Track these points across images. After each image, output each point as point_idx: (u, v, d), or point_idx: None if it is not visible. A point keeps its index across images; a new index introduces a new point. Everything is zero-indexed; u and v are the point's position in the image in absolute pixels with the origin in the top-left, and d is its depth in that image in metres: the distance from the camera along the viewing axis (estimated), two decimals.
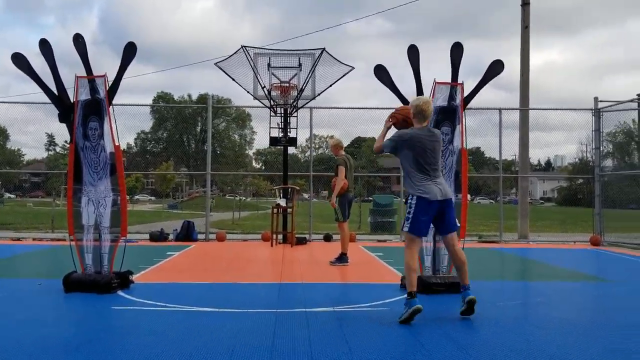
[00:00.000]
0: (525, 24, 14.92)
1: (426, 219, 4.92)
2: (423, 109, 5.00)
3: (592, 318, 5.22)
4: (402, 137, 5.04)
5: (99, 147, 6.26)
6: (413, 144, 4.93)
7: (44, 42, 6.37)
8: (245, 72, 12.55)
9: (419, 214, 4.87)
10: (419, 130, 5.00)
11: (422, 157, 4.92)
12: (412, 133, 4.99)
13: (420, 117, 5.02)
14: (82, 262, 6.30)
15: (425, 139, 4.96)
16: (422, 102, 5.03)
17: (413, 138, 4.95)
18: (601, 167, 13.64)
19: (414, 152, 4.92)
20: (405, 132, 5.07)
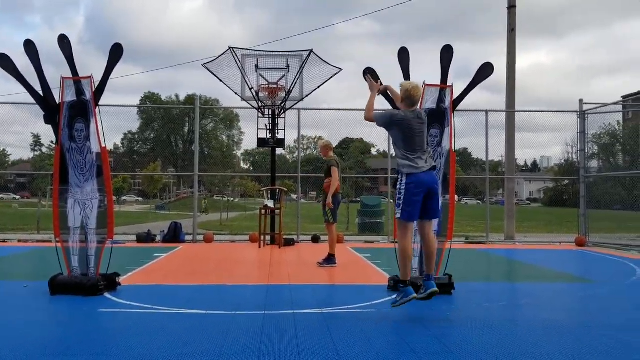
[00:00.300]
0: (512, 27, 15.03)
1: (417, 199, 4.96)
2: (412, 94, 5.12)
3: (577, 319, 5.28)
4: (394, 116, 5.15)
5: (85, 148, 6.22)
6: (403, 126, 5.05)
7: (28, 42, 6.32)
8: (233, 74, 12.54)
9: (410, 196, 4.94)
10: (409, 113, 5.10)
11: (411, 139, 5.04)
12: (404, 115, 5.09)
13: (409, 101, 5.15)
14: (69, 264, 6.26)
15: (414, 122, 5.07)
16: (411, 87, 5.15)
17: (404, 121, 5.06)
18: (586, 168, 13.79)
19: (403, 134, 5.04)
20: (397, 112, 5.20)
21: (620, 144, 18.68)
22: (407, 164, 5.00)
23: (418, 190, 4.95)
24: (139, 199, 62.30)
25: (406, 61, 6.44)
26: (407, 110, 5.14)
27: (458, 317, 5.18)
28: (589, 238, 13.27)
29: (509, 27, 15.08)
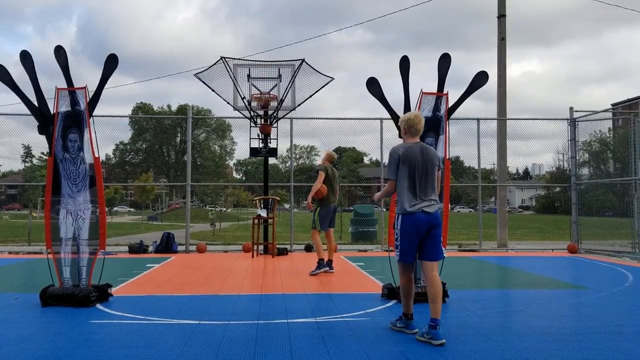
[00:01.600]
0: (502, 36, 15.16)
1: (414, 242, 4.65)
2: (415, 122, 4.82)
3: (570, 325, 5.29)
4: (396, 152, 4.76)
5: (78, 159, 6.20)
6: (407, 159, 4.69)
7: (25, 54, 6.32)
8: (225, 83, 12.55)
9: (407, 238, 4.64)
10: (413, 145, 4.79)
11: (415, 173, 4.67)
12: (405, 147, 4.76)
13: (414, 131, 4.84)
14: (60, 275, 6.21)
15: (419, 154, 4.72)
16: (414, 116, 4.85)
17: (407, 152, 4.71)
18: (577, 175, 13.88)
19: (408, 168, 4.68)
20: (398, 147, 4.81)
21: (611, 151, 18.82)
22: (410, 203, 4.64)
23: (415, 236, 4.63)
24: (130, 209, 62.03)
25: (406, 70, 6.46)
26: (412, 143, 4.82)
27: (452, 324, 5.18)
28: (581, 245, 13.34)
29: (499, 36, 15.21)
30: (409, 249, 4.69)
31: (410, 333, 4.76)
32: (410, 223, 4.63)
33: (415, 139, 4.88)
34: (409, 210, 4.63)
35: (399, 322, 4.93)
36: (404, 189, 4.68)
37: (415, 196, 4.66)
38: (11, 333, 4.83)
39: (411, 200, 4.64)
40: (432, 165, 4.74)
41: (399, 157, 4.72)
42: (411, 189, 4.66)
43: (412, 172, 4.68)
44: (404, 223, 4.66)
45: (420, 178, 4.69)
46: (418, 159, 4.71)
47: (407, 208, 4.63)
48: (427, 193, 4.69)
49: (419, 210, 4.63)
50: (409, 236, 4.65)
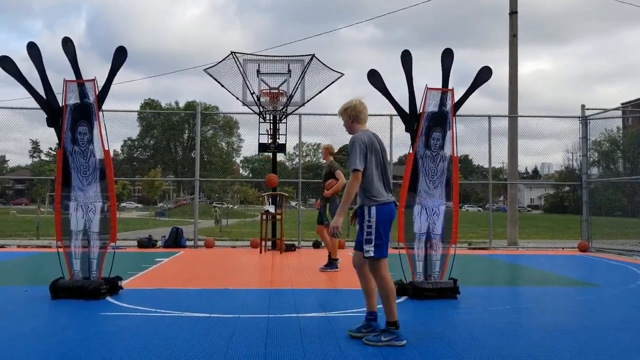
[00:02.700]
0: (514, 33, 15.05)
1: (388, 234, 4.36)
2: (361, 108, 4.51)
3: (581, 322, 5.23)
4: (362, 139, 4.35)
5: (88, 151, 6.19)
6: (372, 147, 4.37)
7: (32, 45, 6.30)
8: (235, 79, 12.54)
9: (385, 229, 4.32)
10: (369, 133, 4.48)
11: (381, 162, 4.43)
12: (366, 135, 4.41)
13: (363, 117, 4.53)
14: (70, 268, 6.20)
15: (376, 140, 4.45)
16: (359, 102, 4.53)
17: (370, 140, 4.38)
18: (588, 174, 13.77)
19: (375, 156, 4.38)
20: (361, 134, 4.41)
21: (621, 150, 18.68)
22: (381, 192, 4.34)
23: (390, 224, 4.38)
24: (138, 205, 62.26)
25: (409, 65, 6.42)
26: (368, 131, 4.50)
27: (463, 320, 5.14)
28: (591, 243, 13.23)
29: (510, 33, 15.10)
30: (386, 243, 4.32)
31: (400, 345, 4.16)
32: (387, 213, 4.34)
33: (365, 126, 4.56)
34: (384, 200, 4.34)
35: (385, 336, 4.22)
36: (376, 178, 4.35)
37: (386, 186, 4.41)
38: (21, 325, 4.83)
39: (384, 190, 4.37)
40: (386, 155, 4.53)
41: (366, 146, 4.32)
42: (381, 179, 4.38)
43: (377, 160, 4.38)
44: (381, 213, 4.29)
45: (385, 167, 4.46)
46: (381, 147, 4.46)
47: (383, 198, 4.34)
48: (390, 184, 4.50)
49: (393, 202, 4.41)
50: (386, 227, 4.33)
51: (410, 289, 6.17)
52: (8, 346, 4.07)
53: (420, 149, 6.35)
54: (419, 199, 6.33)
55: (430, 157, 6.35)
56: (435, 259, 6.33)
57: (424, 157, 6.34)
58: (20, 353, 3.88)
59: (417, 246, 6.32)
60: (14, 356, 3.80)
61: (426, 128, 6.34)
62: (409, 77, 6.41)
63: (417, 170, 6.33)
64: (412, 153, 6.36)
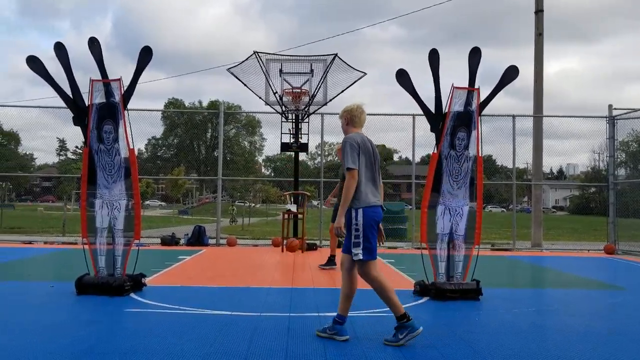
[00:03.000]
0: (539, 32, 14.85)
1: (375, 236, 4.37)
2: (357, 113, 4.57)
3: (606, 325, 5.14)
4: (355, 140, 4.41)
5: (113, 150, 6.28)
6: (365, 149, 4.42)
7: (59, 45, 6.41)
8: (257, 78, 12.59)
9: (372, 232, 4.32)
10: (364, 136, 4.53)
11: (373, 164, 4.45)
12: (359, 136, 4.47)
13: (357, 121, 4.58)
14: (95, 264, 6.30)
15: (369, 143, 4.49)
16: (356, 107, 4.60)
17: (362, 142, 4.43)
18: (615, 175, 13.51)
19: (366, 158, 4.41)
20: (354, 135, 4.48)
21: None
22: (369, 194, 4.34)
23: (376, 227, 4.37)
24: (162, 203, 62.95)
25: (436, 63, 6.37)
26: (361, 133, 4.55)
27: (486, 322, 5.09)
28: (618, 246, 12.99)
29: (536, 32, 14.90)
30: (374, 245, 4.33)
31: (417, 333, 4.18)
32: (373, 216, 4.33)
33: (359, 129, 4.59)
34: (372, 203, 4.33)
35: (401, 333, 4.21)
36: (367, 180, 4.37)
37: (376, 188, 4.43)
38: (47, 319, 4.92)
39: (373, 193, 4.38)
40: (378, 158, 4.55)
41: (359, 146, 4.37)
42: (372, 181, 4.41)
43: (369, 162, 4.42)
44: (368, 217, 4.30)
45: (376, 170, 4.48)
46: (369, 149, 4.46)
47: (371, 201, 4.33)
48: (379, 187, 4.51)
49: (379, 205, 4.41)
50: (373, 230, 4.33)
51: (433, 290, 6.13)
52: (32, 340, 4.14)
53: (445, 149, 6.30)
54: (442, 199, 6.28)
55: (455, 157, 6.29)
56: (458, 260, 6.28)
57: (448, 157, 6.29)
58: (44, 347, 3.94)
59: (439, 247, 6.28)
60: (37, 350, 3.87)
61: (451, 128, 6.29)
62: (436, 76, 6.36)
63: (441, 171, 6.29)
64: (436, 153, 6.32)
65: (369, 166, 4.41)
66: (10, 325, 4.63)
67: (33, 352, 3.83)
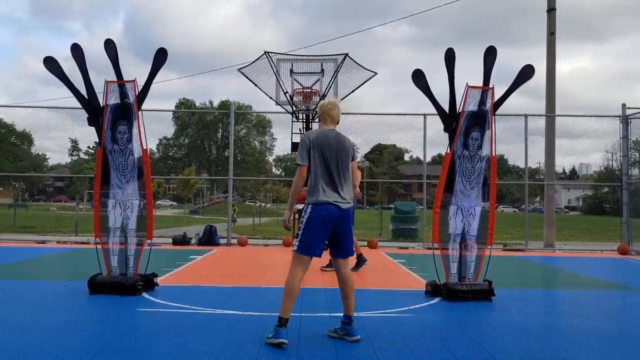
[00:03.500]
0: (551, 31, 14.74)
1: (322, 236, 4.28)
2: (327, 109, 4.48)
3: (619, 326, 5.09)
4: (308, 137, 4.40)
5: (127, 150, 6.32)
6: (319, 145, 4.33)
7: (76, 47, 6.46)
8: (268, 78, 12.60)
9: (314, 229, 4.24)
10: (327, 131, 4.44)
11: (330, 162, 4.33)
12: (317, 132, 4.43)
13: (326, 117, 4.48)
14: (108, 264, 6.34)
15: (332, 139, 4.39)
16: (327, 103, 4.54)
17: (319, 137, 4.36)
18: (629, 175, 13.38)
19: (321, 155, 4.32)
20: (311, 132, 4.51)
21: None
22: (320, 192, 4.27)
23: (323, 228, 4.26)
24: (173, 203, 63.25)
25: (452, 62, 6.33)
26: (326, 129, 4.46)
27: (499, 323, 5.05)
28: (632, 246, 12.86)
29: (548, 31, 14.79)
30: (312, 242, 4.24)
31: (277, 342, 4.08)
32: (320, 214, 4.24)
33: (330, 126, 4.50)
34: (321, 200, 4.25)
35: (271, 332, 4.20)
36: (318, 177, 4.30)
37: (330, 186, 4.30)
38: (60, 318, 4.96)
39: (325, 190, 4.28)
40: (346, 155, 4.40)
41: (310, 142, 4.33)
42: (325, 178, 4.30)
43: (325, 159, 4.31)
44: (313, 213, 4.25)
45: (335, 167, 4.33)
46: (332, 145, 4.35)
47: (320, 197, 4.26)
48: (342, 186, 4.34)
49: (332, 202, 4.27)
50: (316, 228, 4.24)
51: (444, 290, 6.10)
52: (44, 338, 4.18)
53: (458, 149, 6.27)
54: (454, 199, 6.26)
55: (468, 157, 6.26)
56: (470, 260, 6.25)
57: (461, 157, 6.26)
58: (56, 346, 3.98)
59: (451, 247, 6.25)
60: (49, 348, 3.90)
61: (465, 128, 6.26)
62: (451, 76, 6.33)
63: (454, 171, 6.26)
64: (449, 153, 6.29)
65: (324, 163, 4.31)
66: (24, 324, 4.68)
67: (47, 350, 3.86)
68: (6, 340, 4.12)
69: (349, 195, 4.39)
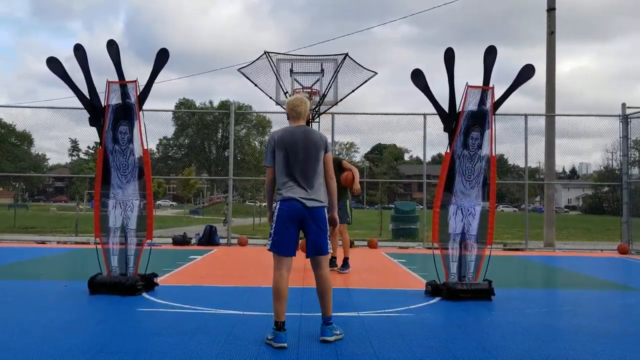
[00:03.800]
0: (551, 30, 14.74)
1: (290, 232, 4.21)
2: (294, 104, 4.41)
3: (619, 326, 5.09)
4: (272, 136, 4.40)
5: (127, 150, 6.32)
6: (283, 143, 4.29)
7: (78, 47, 6.47)
8: (268, 78, 12.59)
9: (281, 226, 4.20)
10: (293, 128, 4.38)
11: (295, 158, 4.26)
12: (283, 130, 4.39)
13: (294, 114, 4.41)
14: (108, 264, 6.34)
15: (299, 136, 4.30)
16: (294, 98, 4.47)
17: (284, 136, 4.32)
18: (629, 174, 13.38)
19: (285, 153, 4.27)
20: (276, 131, 4.48)
21: None
22: (285, 188, 4.24)
23: (290, 226, 4.20)
24: (173, 203, 63.28)
25: (451, 62, 6.33)
26: (293, 126, 4.42)
27: (499, 322, 5.05)
28: (632, 246, 12.86)
29: (548, 30, 14.80)
30: (282, 240, 4.20)
31: (277, 346, 4.02)
32: (285, 210, 4.20)
33: (298, 122, 4.42)
34: (286, 197, 4.21)
35: (270, 334, 4.16)
36: (282, 175, 4.26)
37: (295, 183, 4.23)
38: (60, 318, 4.96)
39: (290, 187, 4.22)
40: (315, 150, 4.29)
41: (274, 142, 4.31)
42: (289, 175, 4.24)
43: (290, 157, 4.25)
44: (280, 210, 4.22)
45: (300, 164, 4.25)
46: (297, 142, 4.27)
47: (284, 194, 4.22)
48: (308, 182, 4.24)
49: (296, 199, 4.19)
50: (283, 225, 4.19)
51: (444, 290, 6.10)
52: (45, 338, 4.18)
53: (458, 149, 6.27)
54: (454, 199, 6.26)
55: (468, 156, 6.26)
56: (470, 260, 6.25)
57: (461, 157, 6.26)
58: (56, 345, 3.98)
59: (451, 247, 6.25)
60: (49, 348, 3.90)
61: (465, 127, 6.26)
62: (451, 76, 6.32)
63: (454, 170, 6.26)
64: (449, 153, 6.29)
65: (289, 161, 4.25)
66: (24, 324, 4.68)
67: (46, 350, 3.86)
68: (6, 340, 4.12)
69: (318, 194, 4.26)
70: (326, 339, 4.20)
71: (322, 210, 4.31)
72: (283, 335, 4.07)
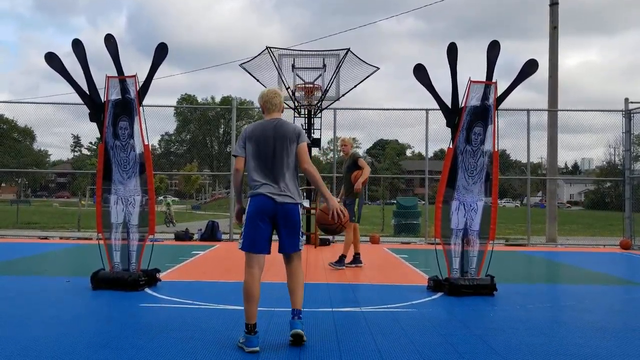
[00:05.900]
0: (554, 24, 14.69)
1: (262, 229, 4.06)
2: (269, 97, 4.28)
3: (622, 321, 5.08)
4: (245, 129, 4.31)
5: (128, 146, 6.31)
6: (253, 136, 4.18)
7: (77, 42, 6.45)
8: (270, 73, 12.59)
9: (251, 222, 4.07)
10: (265, 122, 4.24)
11: (265, 152, 4.12)
12: (255, 124, 4.28)
13: (269, 106, 4.27)
14: (110, 259, 6.35)
15: (270, 129, 4.16)
16: (268, 91, 4.34)
17: (255, 129, 4.22)
18: (631, 169, 13.35)
19: (256, 146, 4.15)
20: (249, 125, 4.36)
21: None
22: (254, 184, 4.11)
23: (260, 223, 4.05)
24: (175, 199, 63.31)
25: (454, 58, 6.30)
26: (265, 120, 4.28)
27: (501, 318, 5.05)
28: (634, 241, 12.85)
29: (551, 25, 14.75)
30: (252, 236, 4.07)
31: (249, 351, 3.83)
32: (254, 206, 4.08)
33: (273, 115, 4.28)
34: (255, 192, 4.10)
35: (242, 338, 3.99)
36: (251, 169, 4.15)
37: (263, 177, 4.10)
38: (63, 314, 4.96)
39: (258, 181, 4.10)
40: (286, 143, 4.13)
41: (245, 135, 4.21)
42: (258, 170, 4.12)
43: (260, 150, 4.13)
44: (250, 206, 4.10)
45: (271, 158, 4.12)
46: (268, 135, 4.14)
47: (254, 190, 4.11)
48: (278, 177, 4.10)
49: (265, 194, 4.05)
50: (253, 222, 4.06)
51: (447, 286, 6.10)
52: (47, 334, 4.18)
53: (461, 144, 6.26)
54: (457, 194, 6.25)
55: (471, 152, 6.25)
56: (472, 255, 6.24)
57: (464, 152, 6.25)
58: (59, 341, 3.98)
59: (454, 242, 6.25)
60: (52, 344, 3.91)
61: (467, 122, 6.24)
62: (454, 71, 6.30)
63: (456, 166, 6.25)
64: (451, 148, 6.27)
65: (259, 155, 4.13)
66: (27, 320, 4.69)
67: (49, 345, 3.87)
68: (9, 336, 4.13)
69: (288, 190, 4.11)
70: (297, 331, 4.02)
71: (294, 207, 4.13)
72: (254, 338, 3.90)
